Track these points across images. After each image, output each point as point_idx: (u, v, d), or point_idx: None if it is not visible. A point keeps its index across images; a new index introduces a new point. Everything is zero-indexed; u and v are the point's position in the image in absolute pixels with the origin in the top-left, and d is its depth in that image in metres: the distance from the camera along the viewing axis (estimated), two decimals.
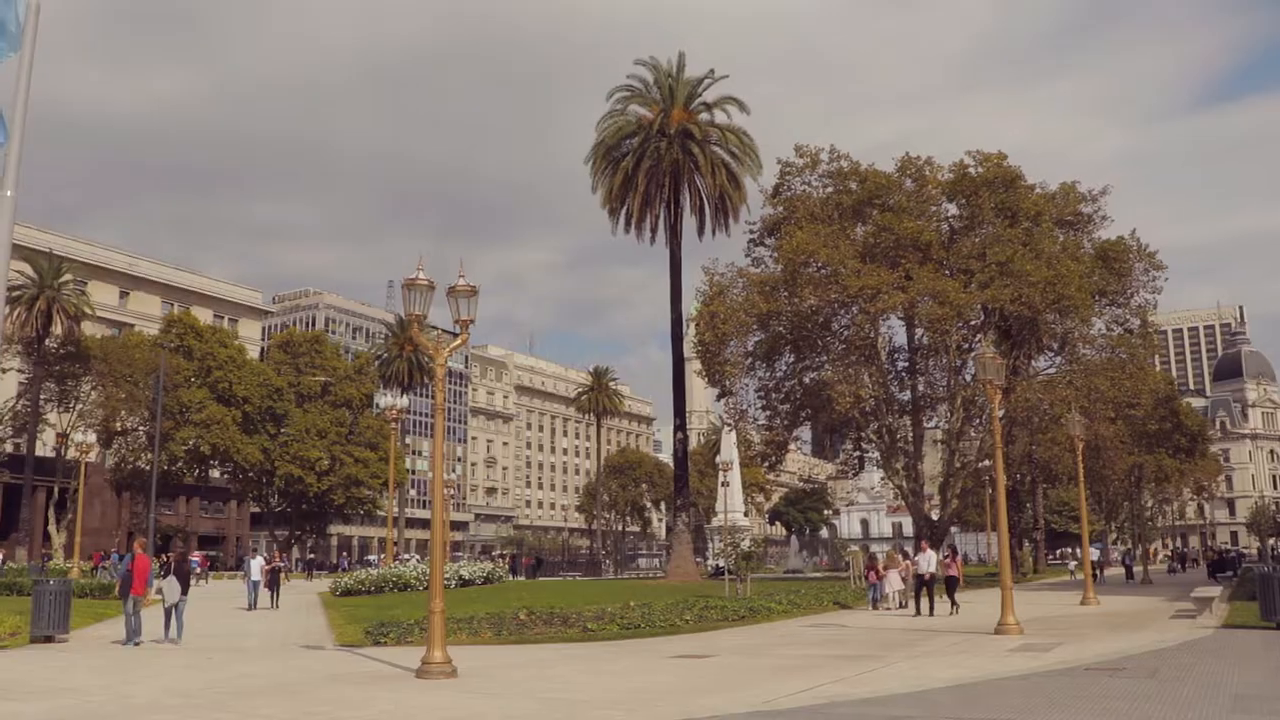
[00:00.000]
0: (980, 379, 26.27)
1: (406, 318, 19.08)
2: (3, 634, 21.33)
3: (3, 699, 14.06)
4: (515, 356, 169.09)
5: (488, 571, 48.64)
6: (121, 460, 74.06)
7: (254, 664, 18.22)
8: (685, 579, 50.53)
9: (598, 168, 55.97)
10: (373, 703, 13.51)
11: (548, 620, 23.77)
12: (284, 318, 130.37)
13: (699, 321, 49.19)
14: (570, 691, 14.57)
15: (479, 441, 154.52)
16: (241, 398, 75.40)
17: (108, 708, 13.20)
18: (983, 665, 17.03)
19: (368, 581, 39.57)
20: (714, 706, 12.79)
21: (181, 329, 77.81)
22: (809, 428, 64.14)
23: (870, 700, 13.28)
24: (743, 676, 16.18)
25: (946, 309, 43.07)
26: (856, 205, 47.44)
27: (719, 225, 55.99)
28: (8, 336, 58.15)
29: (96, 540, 77.09)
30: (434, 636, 15.74)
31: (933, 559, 29.80)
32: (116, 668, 17.67)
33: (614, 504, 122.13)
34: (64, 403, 70.21)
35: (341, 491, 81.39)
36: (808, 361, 50.44)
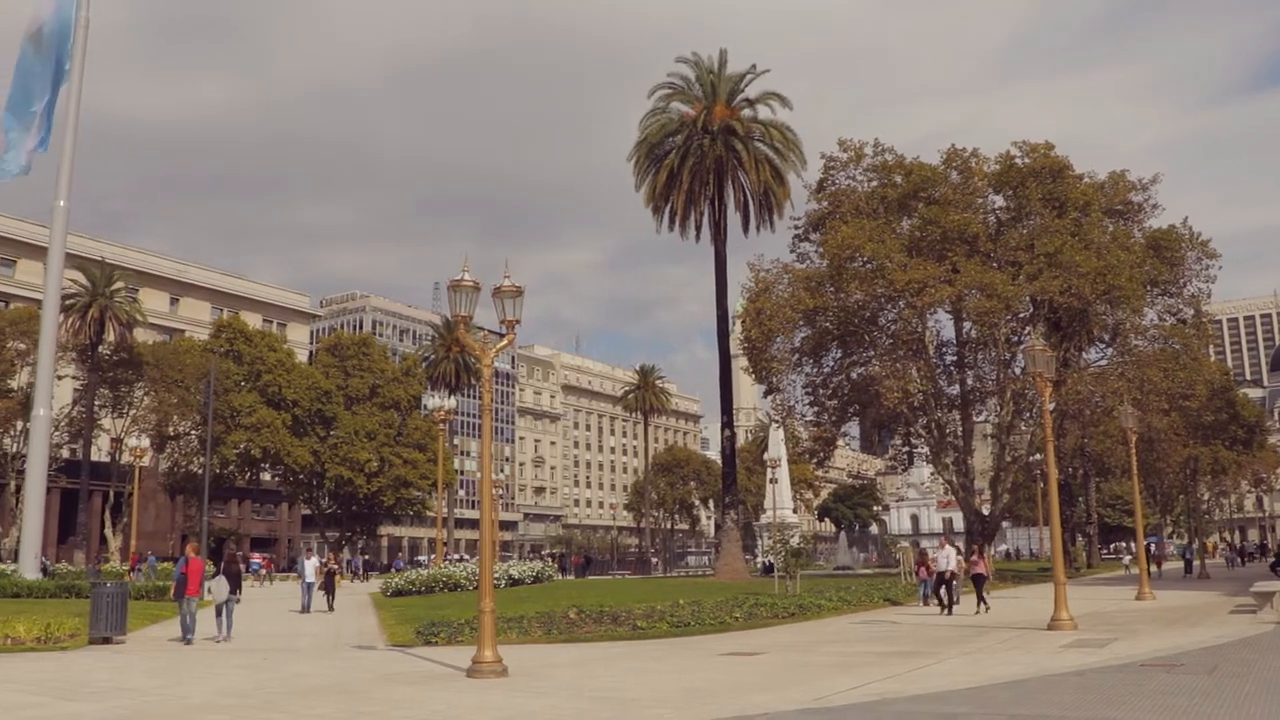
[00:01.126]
0: (1030, 372, 25.95)
1: (452, 319, 19.18)
2: (62, 635, 21.63)
3: (65, 699, 14.24)
4: (562, 356, 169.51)
5: (537, 571, 48.78)
6: (174, 464, 75.02)
7: (307, 664, 18.36)
8: (734, 576, 50.39)
9: (640, 166, 55.92)
10: (424, 702, 13.56)
11: (597, 619, 23.77)
12: (331, 321, 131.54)
13: (745, 318, 49.03)
14: (620, 690, 14.54)
15: (527, 441, 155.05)
16: (291, 401, 76.11)
17: (165, 707, 13.33)
18: (1036, 661, 16.82)
19: (418, 582, 39.77)
20: (765, 704, 12.71)
21: (231, 334, 78.67)
22: (857, 423, 63.69)
23: (922, 697, 13.15)
24: (793, 674, 16.08)
25: (994, 302, 42.62)
26: (901, 199, 47.05)
27: (763, 221, 55.80)
28: (62, 344, 59.03)
29: (151, 543, 78.28)
30: (484, 636, 15.78)
31: (952, 556, 29.27)
32: (173, 668, 17.87)
33: (662, 502, 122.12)
34: (118, 408, 71.25)
35: (391, 493, 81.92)
36: (855, 357, 50.11)
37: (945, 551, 29.31)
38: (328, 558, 40.57)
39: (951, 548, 30.00)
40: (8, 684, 15.70)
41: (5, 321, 63.36)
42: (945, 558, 28.92)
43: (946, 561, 28.77)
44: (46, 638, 21.33)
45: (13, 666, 18.06)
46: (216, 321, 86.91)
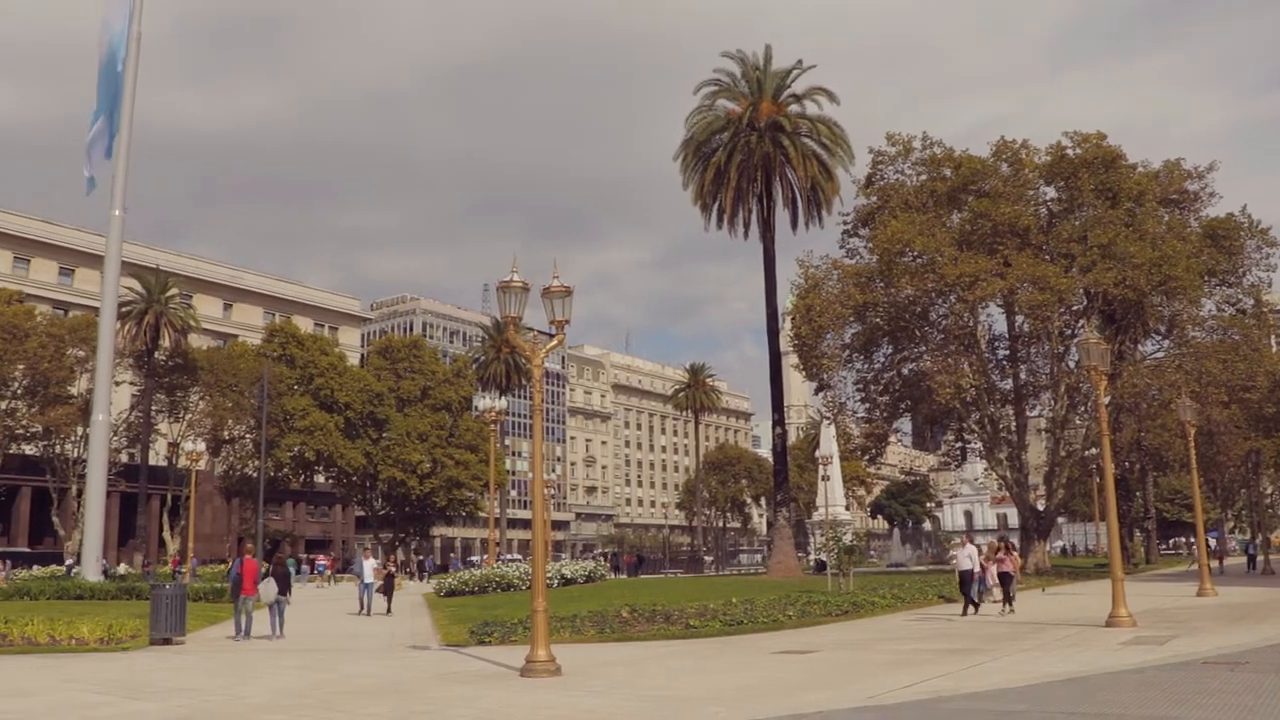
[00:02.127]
0: (1085, 365, 25.64)
1: (502, 320, 19.25)
2: (124, 636, 21.97)
3: (129, 698, 14.49)
4: (611, 355, 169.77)
5: (589, 570, 48.89)
6: (230, 468, 75.95)
7: (362, 664, 18.52)
8: (787, 574, 50.21)
9: (687, 164, 55.83)
10: (478, 701, 13.62)
11: (650, 618, 23.77)
12: (382, 324, 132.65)
13: (795, 315, 48.85)
14: (674, 689, 14.53)
15: (578, 441, 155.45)
16: (343, 404, 76.82)
17: (224, 707, 13.51)
18: (1094, 659, 16.60)
19: (471, 582, 39.97)
20: (819, 702, 12.65)
21: (284, 338, 79.53)
22: (909, 419, 63.33)
23: (978, 695, 13.03)
24: (847, 672, 15.98)
25: (1047, 295, 42.19)
26: (951, 192, 46.70)
27: (812, 217, 55.53)
28: (120, 351, 59.95)
29: (208, 545, 79.38)
30: (537, 635, 15.83)
31: (974, 554, 28.02)
32: (231, 669, 18.10)
33: (714, 500, 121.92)
34: (174, 413, 72.28)
35: (443, 493, 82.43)
36: (906, 352, 49.81)
37: (966, 550, 28.14)
38: (387, 559, 40.11)
39: (972, 545, 28.84)
40: (74, 683, 16.01)
41: (65, 329, 64.46)
42: (966, 557, 27.73)
43: (969, 560, 27.58)
44: (109, 638, 21.68)
45: (78, 666, 18.39)
46: (269, 326, 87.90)
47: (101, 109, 45.90)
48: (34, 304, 71.00)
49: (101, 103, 46.04)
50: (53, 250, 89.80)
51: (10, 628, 21.61)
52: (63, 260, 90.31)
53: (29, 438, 66.15)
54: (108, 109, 45.71)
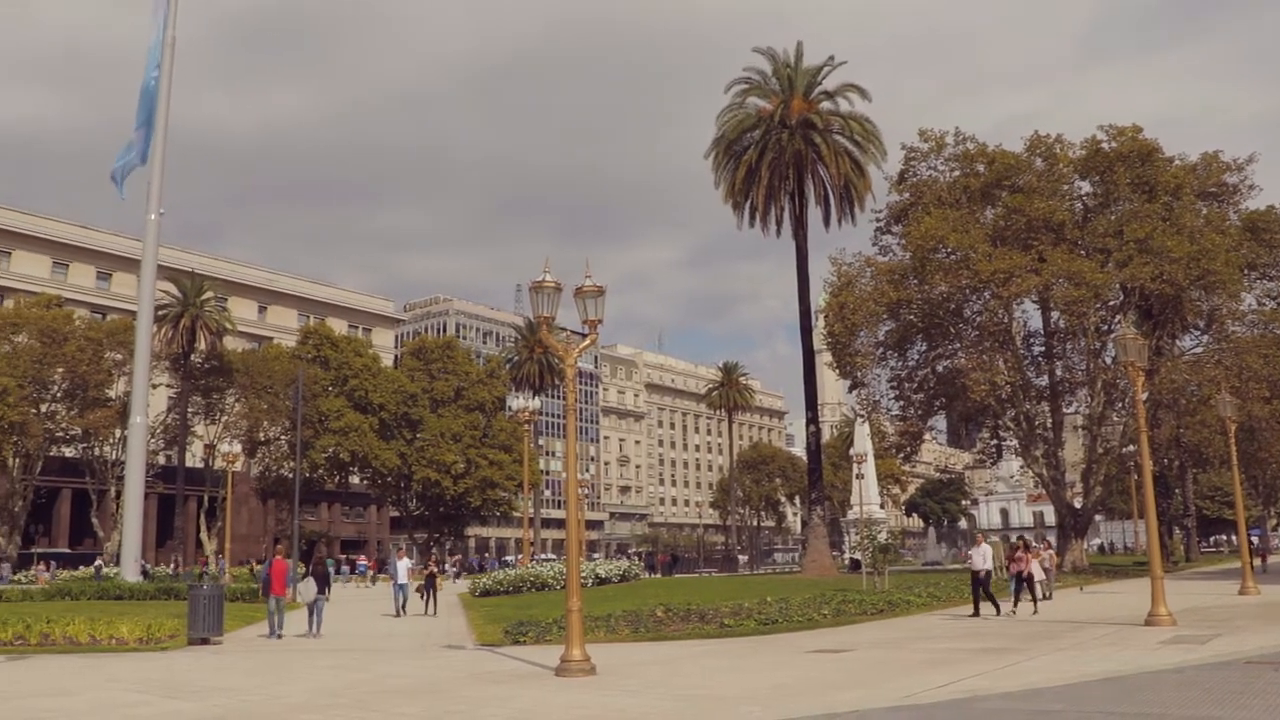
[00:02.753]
0: (1122, 361, 25.34)
1: (535, 320, 19.30)
2: (163, 636, 22.20)
3: (168, 697, 14.64)
4: (644, 355, 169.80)
5: (624, 569, 48.92)
6: (266, 469, 76.50)
7: (398, 664, 18.60)
8: (822, 573, 50.08)
9: (719, 162, 55.75)
10: (513, 700, 13.65)
11: (685, 617, 23.76)
12: (415, 325, 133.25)
13: (828, 313, 48.71)
14: (708, 688, 14.51)
15: (611, 440, 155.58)
16: (378, 405, 77.22)
17: (261, 707, 13.61)
18: (1133, 658, 16.43)
19: (506, 581, 40.07)
20: (854, 701, 12.60)
21: (318, 340, 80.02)
22: (944, 417, 62.91)
23: (1015, 694, 12.94)
24: (882, 671, 15.90)
25: (1083, 290, 41.84)
26: (985, 188, 46.39)
27: (844, 215, 55.37)
28: (157, 354, 60.53)
29: (245, 546, 79.91)
30: (572, 635, 15.85)
31: (988, 554, 27.09)
32: (269, 668, 18.24)
33: (748, 499, 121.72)
34: (210, 415, 72.89)
35: (477, 494, 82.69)
36: (940, 349, 49.53)
37: (981, 549, 27.18)
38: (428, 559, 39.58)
39: (987, 545, 27.96)
40: (114, 683, 16.19)
41: (102, 333, 65.11)
42: (981, 556, 26.76)
43: (983, 560, 26.59)
44: (148, 638, 21.91)
45: (118, 666, 18.60)
46: (303, 328, 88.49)
47: (141, 118, 46.38)
48: (73, 308, 71.73)
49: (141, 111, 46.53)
50: (90, 255, 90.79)
51: (53, 627, 21.91)
52: (100, 265, 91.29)
53: (68, 440, 66.88)
54: (146, 116, 46.18)
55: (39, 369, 61.55)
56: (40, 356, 61.43)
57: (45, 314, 63.69)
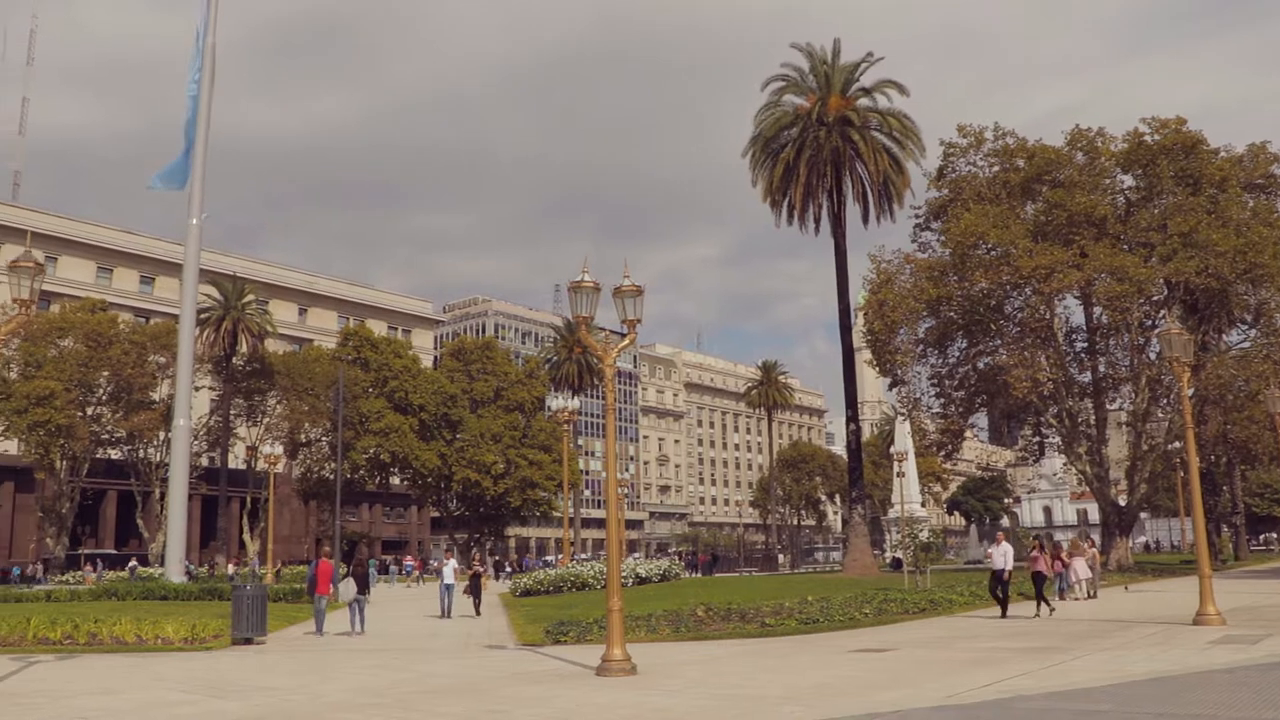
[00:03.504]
0: (1166, 356, 25.01)
1: (573, 320, 19.30)
2: (207, 636, 22.39)
3: (213, 696, 14.77)
4: (683, 354, 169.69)
5: (664, 569, 48.86)
6: (307, 470, 77.05)
7: (439, 664, 18.66)
8: (863, 572, 49.81)
9: (756, 160, 55.55)
10: (554, 700, 13.65)
11: (725, 616, 23.68)
12: (454, 326, 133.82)
13: (867, 310, 48.48)
14: (749, 687, 14.44)
15: (650, 440, 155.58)
16: (418, 406, 77.58)
17: (304, 706, 13.69)
18: (1181, 658, 16.19)
19: (546, 581, 40.11)
20: (896, 701, 12.50)
21: (358, 342, 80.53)
22: (985, 414, 62.46)
23: (1060, 694, 12.77)
24: (925, 670, 15.78)
25: (1126, 285, 41.41)
26: (1025, 183, 46.02)
27: (883, 212, 55.03)
28: (199, 356, 61.14)
29: (287, 547, 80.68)
30: (613, 634, 15.83)
31: (1009, 553, 26.13)
32: (312, 668, 18.34)
33: (788, 498, 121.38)
34: (252, 417, 73.54)
35: (517, 494, 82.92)
36: (981, 346, 49.17)
37: (1000, 548, 26.24)
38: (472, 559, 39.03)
39: (1008, 544, 26.86)
40: (160, 682, 16.34)
41: (146, 336, 65.85)
42: (1001, 555, 25.94)
43: (1003, 559, 25.77)
44: (193, 638, 22.11)
45: (163, 665, 18.77)
46: (343, 330, 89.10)
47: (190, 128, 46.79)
48: (117, 312, 72.64)
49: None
50: (134, 259, 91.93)
51: (100, 627, 22.17)
52: (143, 269, 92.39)
53: (114, 443, 67.69)
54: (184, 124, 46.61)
55: (85, 372, 62.35)
56: (86, 360, 62.22)
57: (90, 318, 64.49)
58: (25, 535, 76.46)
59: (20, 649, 21.06)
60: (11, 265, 16.33)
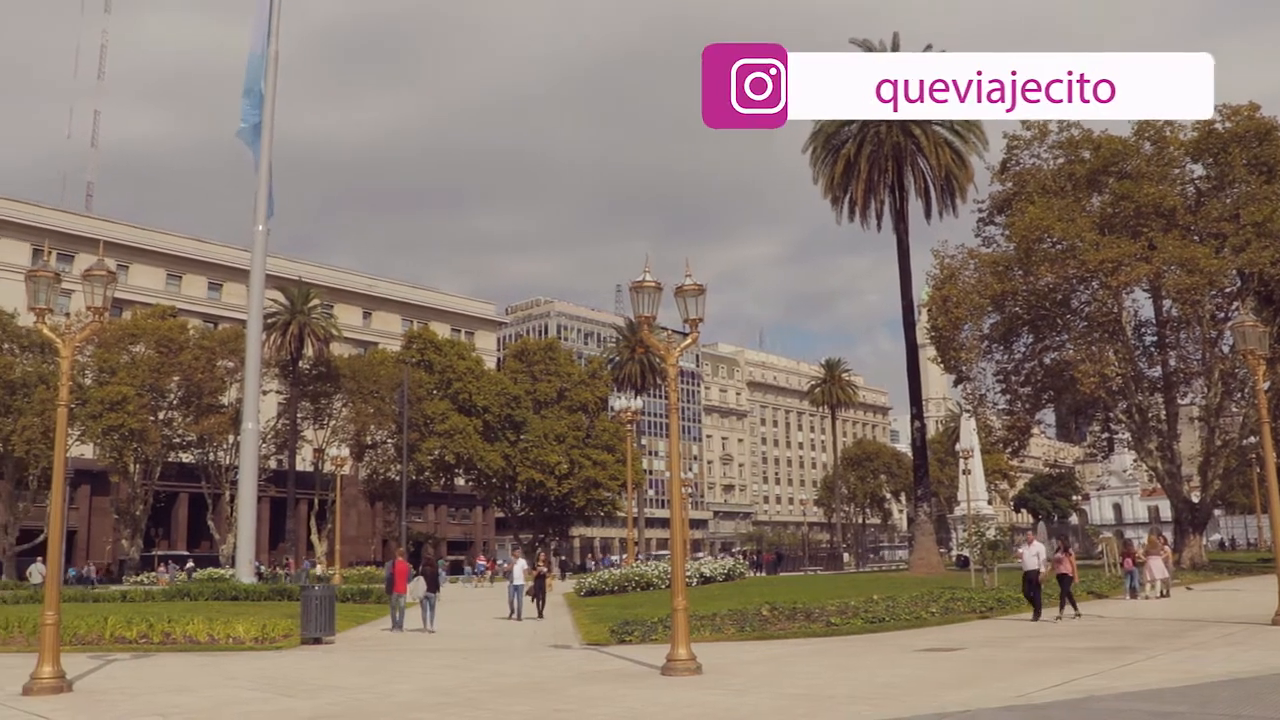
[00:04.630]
0: (1240, 350, 24.48)
1: (636, 320, 19.31)
2: (277, 635, 22.71)
3: (283, 695, 15.01)
4: (746, 353, 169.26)
5: (728, 568, 48.71)
6: (373, 472, 77.80)
7: (506, 663, 18.77)
8: (929, 571, 49.34)
9: (816, 157, 55.26)
10: (620, 699, 13.68)
11: (790, 615, 23.57)
12: (517, 328, 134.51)
13: (931, 306, 48.05)
14: (816, 687, 14.38)
15: (714, 439, 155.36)
16: (481, 407, 78.07)
17: (373, 705, 13.85)
18: (1260, 659, 15.83)
19: (611, 581, 40.13)
20: (965, 701, 12.38)
21: (422, 344, 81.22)
22: (1052, 410, 61.67)
23: (1133, 694, 12.56)
24: (993, 670, 15.60)
25: (1197, 277, 40.61)
26: (1091, 175, 45.29)
27: (945, 207, 54.48)
28: (267, 361, 61.98)
29: (354, 547, 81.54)
30: (678, 634, 15.82)
31: (1041, 553, 25.03)
32: (380, 668, 18.53)
33: (852, 496, 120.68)
34: (318, 420, 74.44)
35: (581, 494, 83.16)
36: (1047, 341, 48.51)
37: (1031, 548, 25.30)
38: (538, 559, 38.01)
39: (1039, 543, 26.01)
40: (232, 680, 16.61)
41: (215, 342, 66.93)
42: (1032, 555, 25.01)
43: (1035, 560, 24.86)
44: (263, 638, 22.44)
45: (235, 664, 19.08)
46: (407, 333, 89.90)
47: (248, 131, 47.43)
48: (186, 318, 73.93)
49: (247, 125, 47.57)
50: (202, 266, 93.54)
51: (173, 627, 22.58)
52: (211, 275, 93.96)
53: (185, 446, 68.83)
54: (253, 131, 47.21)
55: (156, 378, 63.50)
56: (157, 366, 63.37)
57: (161, 324, 65.68)
58: (102, 537, 78.09)
59: (98, 647, 21.51)
60: (85, 274, 16.68)
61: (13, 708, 14.10)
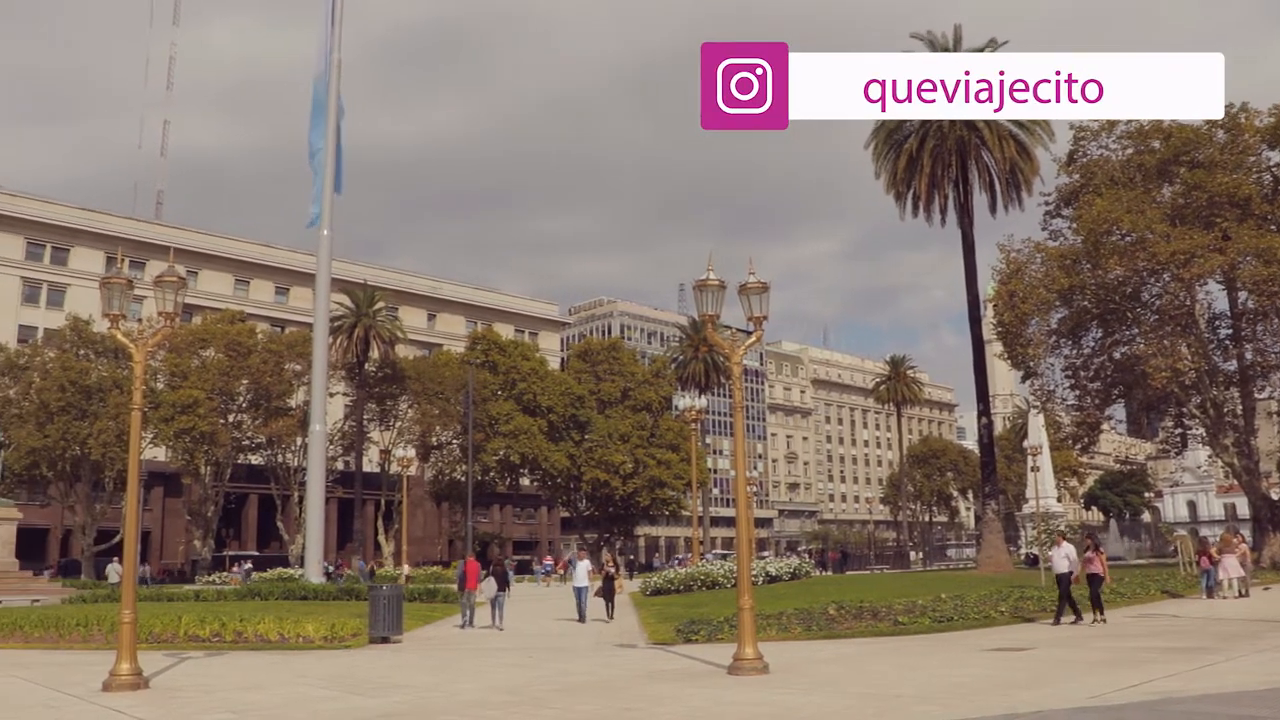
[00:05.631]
0: None
1: (699, 319, 19.27)
2: (346, 635, 22.96)
3: (352, 693, 15.14)
4: (809, 350, 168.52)
5: (794, 567, 48.45)
6: (439, 472, 78.42)
7: (572, 662, 18.80)
8: (997, 569, 48.75)
9: (879, 152, 54.83)
10: (688, 698, 13.65)
11: (857, 614, 23.40)
12: (580, 328, 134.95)
13: (997, 302, 47.46)
14: (884, 686, 14.25)
15: (778, 438, 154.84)
16: (546, 407, 78.39)
17: (441, 703, 13.94)
18: None
19: (676, 580, 40.11)
20: (1036, 701, 12.19)
21: (486, 345, 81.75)
22: (1123, 406, 60.60)
23: (1212, 697, 12.27)
24: (1065, 670, 15.36)
25: (1275, 268, 39.65)
26: (1161, 165, 44.39)
27: (1010, 200, 53.81)
28: (333, 363, 62.67)
29: (420, 548, 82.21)
30: (745, 633, 15.76)
31: (1071, 554, 23.65)
32: (447, 666, 18.66)
33: (918, 494, 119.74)
34: (384, 421, 75.16)
35: (646, 493, 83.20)
36: (1117, 336, 47.66)
37: (1061, 550, 23.85)
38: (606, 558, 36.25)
39: (1068, 544, 24.50)
40: (302, 678, 16.82)
41: (282, 345, 67.86)
42: (1063, 557, 23.58)
43: (1066, 562, 23.59)
44: (332, 637, 22.70)
45: (304, 663, 19.32)
46: (471, 334, 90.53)
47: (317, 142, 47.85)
48: (254, 322, 75.04)
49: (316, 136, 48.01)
50: (269, 271, 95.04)
51: (245, 626, 22.94)
52: (278, 280, 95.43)
53: (254, 448, 69.92)
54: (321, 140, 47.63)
55: (226, 381, 64.56)
56: (227, 369, 64.41)
57: (230, 329, 66.74)
58: (175, 537, 79.63)
59: (173, 645, 21.94)
60: (157, 280, 16.97)
61: (93, 703, 14.44)
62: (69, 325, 65.06)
